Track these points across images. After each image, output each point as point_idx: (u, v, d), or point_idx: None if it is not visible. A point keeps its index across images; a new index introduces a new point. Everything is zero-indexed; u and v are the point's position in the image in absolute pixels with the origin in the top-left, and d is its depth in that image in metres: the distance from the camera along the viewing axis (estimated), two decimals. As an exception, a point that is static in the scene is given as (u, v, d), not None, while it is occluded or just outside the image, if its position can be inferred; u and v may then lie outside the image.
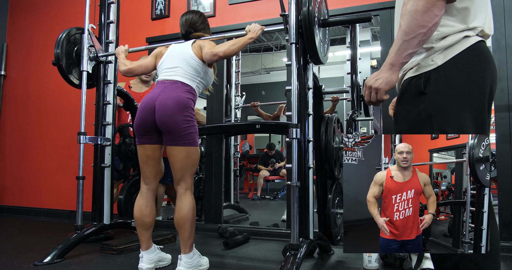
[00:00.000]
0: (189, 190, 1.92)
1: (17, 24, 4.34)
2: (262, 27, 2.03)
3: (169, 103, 1.85)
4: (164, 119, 1.84)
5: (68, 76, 2.56)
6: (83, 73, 2.49)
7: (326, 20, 2.05)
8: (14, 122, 4.23)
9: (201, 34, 2.15)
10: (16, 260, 2.18)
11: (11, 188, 4.18)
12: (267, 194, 6.40)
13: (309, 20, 1.85)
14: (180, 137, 1.86)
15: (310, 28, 1.86)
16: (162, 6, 3.57)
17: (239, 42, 1.96)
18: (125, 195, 2.92)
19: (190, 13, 2.17)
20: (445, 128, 1.09)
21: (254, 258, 2.31)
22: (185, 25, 2.15)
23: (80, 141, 2.42)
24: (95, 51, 2.54)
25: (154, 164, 1.97)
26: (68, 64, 2.56)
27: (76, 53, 2.62)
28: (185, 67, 1.97)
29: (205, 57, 1.98)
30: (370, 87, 1.17)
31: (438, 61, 1.11)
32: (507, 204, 2.37)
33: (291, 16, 1.88)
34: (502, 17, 2.48)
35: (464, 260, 1.10)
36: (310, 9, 1.85)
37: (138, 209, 1.95)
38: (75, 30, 2.62)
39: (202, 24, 2.17)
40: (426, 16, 1.04)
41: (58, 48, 2.51)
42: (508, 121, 2.42)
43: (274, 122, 3.64)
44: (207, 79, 2.07)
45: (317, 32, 1.92)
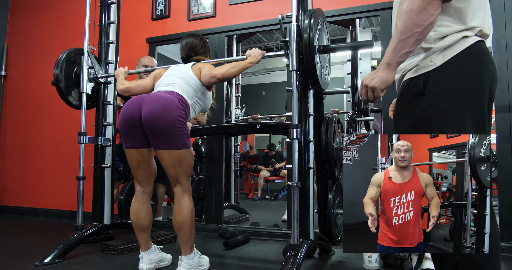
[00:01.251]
0: (186, 192, 1.88)
1: (17, 24, 4.34)
2: (262, 52, 2.03)
3: (161, 99, 1.78)
4: (154, 113, 1.73)
5: (67, 98, 2.55)
6: (83, 95, 2.47)
7: (327, 47, 2.02)
8: (14, 122, 4.23)
9: (201, 58, 2.15)
10: (17, 260, 2.18)
11: (11, 188, 4.18)
12: (268, 195, 6.40)
13: (309, 48, 1.83)
14: (171, 140, 1.77)
15: (311, 55, 1.84)
16: (162, 6, 3.57)
17: (238, 66, 1.96)
18: (126, 196, 2.92)
19: (190, 37, 2.16)
20: (444, 128, 1.09)
21: (255, 258, 2.31)
22: (185, 49, 2.14)
23: (80, 142, 2.43)
24: (94, 73, 2.53)
25: (146, 168, 1.92)
26: (67, 86, 2.54)
27: (76, 74, 2.60)
28: (183, 84, 1.94)
29: (204, 78, 1.96)
30: (366, 86, 1.18)
31: (437, 62, 1.11)
32: (507, 205, 2.37)
33: (292, 43, 1.86)
34: (502, 18, 2.47)
35: (465, 260, 1.10)
36: (311, 36, 1.83)
37: (134, 212, 1.93)
38: (74, 51, 2.61)
39: (202, 48, 2.17)
40: (421, 15, 1.04)
41: (58, 69, 2.49)
42: (509, 122, 2.42)
43: (274, 123, 3.65)
44: (205, 101, 2.03)
45: (318, 60, 1.90)
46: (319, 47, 1.94)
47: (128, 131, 1.83)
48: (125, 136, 1.86)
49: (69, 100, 2.56)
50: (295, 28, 1.86)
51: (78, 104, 2.58)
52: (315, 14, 1.90)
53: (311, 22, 1.86)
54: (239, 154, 3.91)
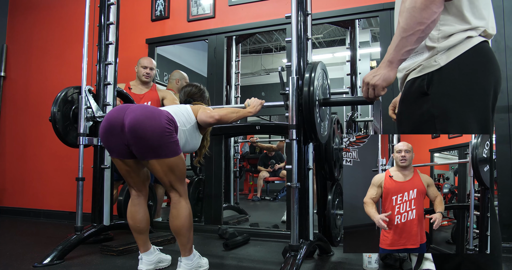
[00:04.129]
0: (183, 197, 1.85)
1: (17, 25, 4.34)
2: (261, 102, 2.06)
3: (149, 107, 1.75)
4: (141, 120, 1.65)
5: (65, 138, 2.53)
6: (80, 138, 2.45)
7: (327, 100, 1.97)
8: (14, 123, 4.23)
9: (199, 103, 2.17)
10: (16, 262, 2.17)
11: (11, 190, 4.18)
12: (267, 195, 6.39)
13: (309, 104, 1.79)
14: (160, 148, 1.69)
15: (311, 111, 1.80)
16: (162, 7, 3.58)
17: (238, 113, 1.98)
18: (125, 196, 2.91)
19: (189, 86, 2.22)
20: (448, 129, 1.09)
21: (254, 259, 2.30)
22: (185, 95, 2.19)
23: (79, 142, 2.42)
24: (92, 112, 2.51)
25: (136, 175, 1.88)
26: (64, 126, 2.53)
27: (73, 113, 2.59)
28: (176, 110, 1.90)
29: (200, 116, 1.93)
30: (367, 84, 1.17)
31: (441, 62, 1.10)
32: (507, 205, 2.37)
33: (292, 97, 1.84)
34: (501, 18, 2.48)
35: (466, 261, 1.10)
36: (310, 91, 1.80)
37: (130, 216, 1.93)
38: (72, 89, 2.60)
39: (200, 97, 2.20)
40: (424, 13, 1.04)
41: (56, 107, 2.48)
42: (508, 122, 2.43)
43: (274, 123, 3.65)
44: (193, 140, 1.95)
45: (317, 111, 1.86)
46: (319, 101, 1.89)
47: (108, 139, 1.74)
48: (107, 145, 1.78)
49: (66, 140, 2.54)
50: (295, 81, 1.85)
51: (75, 143, 2.53)
52: (316, 67, 1.86)
53: (311, 76, 1.83)
54: (238, 155, 3.91)
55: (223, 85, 3.29)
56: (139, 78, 3.22)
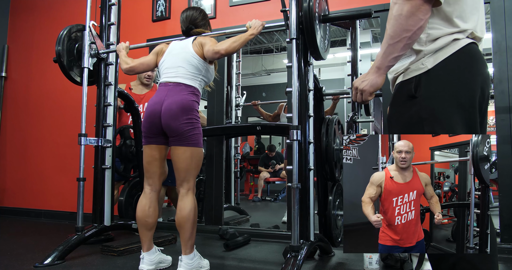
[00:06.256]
0: (191, 191, 1.92)
1: (18, 25, 4.35)
2: (262, 23, 2.04)
3: (174, 108, 1.88)
4: (170, 123, 1.87)
5: (69, 73, 2.55)
6: (84, 69, 2.47)
7: (326, 16, 2.06)
8: (14, 123, 4.23)
9: (202, 31, 2.16)
10: (17, 262, 2.18)
11: (11, 190, 4.18)
12: (268, 196, 6.40)
13: (309, 15, 1.85)
14: (184, 138, 1.88)
15: (311, 22, 1.86)
16: (163, 7, 3.58)
17: (240, 39, 1.97)
18: (126, 197, 2.92)
19: (190, 10, 2.18)
20: (436, 130, 1.10)
21: (255, 259, 2.30)
22: (186, 22, 2.15)
23: (80, 143, 2.42)
24: (96, 48, 2.54)
25: (158, 165, 1.98)
26: (69, 61, 2.55)
27: (77, 50, 2.61)
28: (186, 66, 1.98)
29: (207, 54, 1.98)
30: (356, 88, 1.22)
31: (428, 65, 1.11)
32: (508, 206, 2.37)
33: (292, 12, 1.88)
34: (502, 19, 2.47)
35: (461, 261, 1.10)
36: (310, 5, 1.85)
37: (141, 209, 1.95)
38: (76, 27, 2.61)
39: (202, 20, 2.18)
40: (410, 20, 1.05)
41: (60, 45, 2.50)
42: (509, 123, 2.42)
43: (274, 124, 3.64)
44: (208, 76, 2.08)
45: (317, 28, 1.92)
46: (319, 15, 1.96)
47: (151, 135, 1.95)
48: (147, 137, 1.97)
49: (71, 75, 2.57)
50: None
51: (80, 80, 2.58)
52: None
53: None
54: (239, 155, 3.91)
55: (224, 85, 3.29)
56: (140, 80, 3.22)
